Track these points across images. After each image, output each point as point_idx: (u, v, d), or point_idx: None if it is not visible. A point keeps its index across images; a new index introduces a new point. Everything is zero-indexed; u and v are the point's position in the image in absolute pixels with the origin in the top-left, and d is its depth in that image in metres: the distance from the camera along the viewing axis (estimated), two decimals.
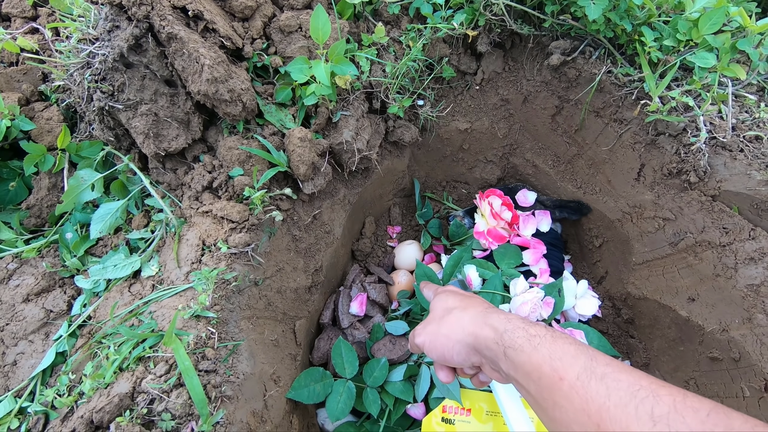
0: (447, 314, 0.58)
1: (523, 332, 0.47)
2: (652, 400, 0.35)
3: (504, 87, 1.12)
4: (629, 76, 0.90)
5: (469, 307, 0.57)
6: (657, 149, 0.89)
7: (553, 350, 0.43)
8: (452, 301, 0.61)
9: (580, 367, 0.40)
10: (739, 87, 0.88)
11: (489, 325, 0.51)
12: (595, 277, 1.18)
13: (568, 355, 0.42)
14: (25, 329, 0.75)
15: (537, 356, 0.43)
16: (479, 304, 0.58)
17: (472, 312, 0.55)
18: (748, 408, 0.74)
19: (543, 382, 0.42)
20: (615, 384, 0.38)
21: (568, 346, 0.43)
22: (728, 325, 0.79)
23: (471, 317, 0.54)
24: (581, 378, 0.39)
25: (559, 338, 0.45)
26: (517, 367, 0.45)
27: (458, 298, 0.62)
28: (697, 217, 0.85)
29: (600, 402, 0.37)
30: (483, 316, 0.53)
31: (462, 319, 0.55)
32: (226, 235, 0.78)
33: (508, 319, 0.50)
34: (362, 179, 1.07)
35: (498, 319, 0.50)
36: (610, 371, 0.39)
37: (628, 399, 0.36)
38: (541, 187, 1.22)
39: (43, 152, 0.84)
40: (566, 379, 0.40)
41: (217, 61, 0.77)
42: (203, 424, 0.59)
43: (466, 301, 0.59)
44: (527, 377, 0.44)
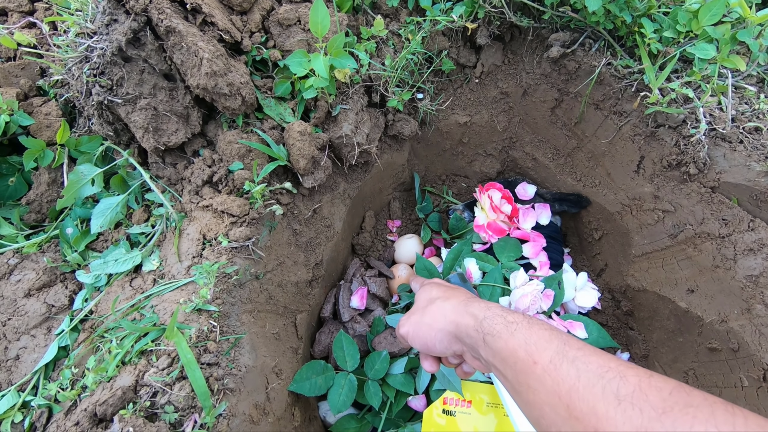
0: (430, 304, 0.59)
1: (502, 319, 0.48)
2: (619, 380, 0.36)
3: (503, 80, 1.11)
4: (629, 68, 0.90)
5: (451, 297, 0.58)
6: (657, 141, 0.89)
7: (529, 335, 0.44)
8: (435, 292, 0.62)
9: (552, 351, 0.42)
10: (739, 78, 0.88)
11: (469, 313, 0.52)
12: (594, 270, 1.18)
13: (542, 340, 0.43)
14: (27, 324, 0.75)
15: (513, 341, 0.45)
16: (461, 294, 0.59)
17: (453, 301, 0.56)
18: (747, 398, 0.75)
19: (518, 367, 0.43)
20: (585, 366, 0.39)
21: (543, 332, 0.44)
22: (727, 316, 0.79)
23: (452, 306, 0.56)
24: (554, 361, 0.41)
25: (535, 324, 0.46)
26: (495, 353, 0.46)
27: (441, 289, 0.63)
28: (696, 208, 0.85)
29: (570, 383, 0.38)
30: (464, 305, 0.54)
31: (444, 308, 0.56)
32: (226, 229, 0.78)
33: (487, 307, 0.51)
34: (362, 173, 1.07)
35: (478, 307, 0.52)
36: (581, 354, 0.40)
37: (596, 380, 0.37)
38: (540, 181, 1.22)
39: (43, 147, 0.84)
40: (539, 362, 0.42)
41: (216, 54, 0.77)
42: (206, 416, 0.60)
43: (448, 292, 0.61)
44: (504, 363, 0.45)
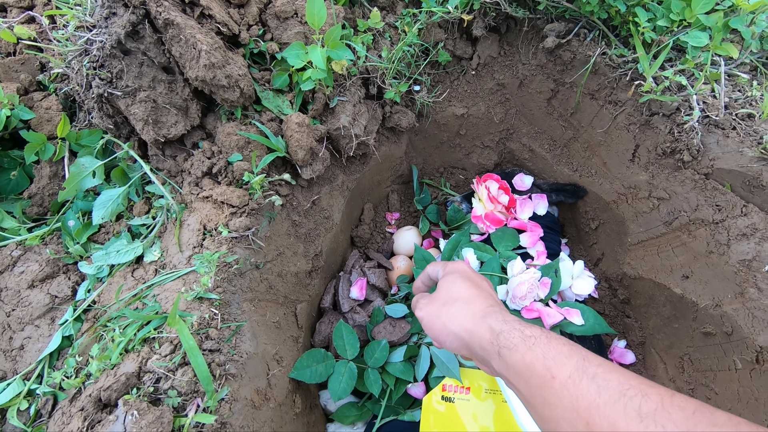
0: (450, 302, 0.58)
1: (519, 333, 0.47)
2: (641, 398, 0.36)
3: (500, 71, 1.12)
4: (623, 57, 0.91)
5: (472, 301, 0.57)
6: (651, 129, 0.90)
7: (547, 350, 0.44)
8: (458, 289, 0.60)
9: (572, 366, 0.41)
10: (732, 66, 0.89)
11: (486, 325, 0.51)
12: (592, 260, 1.19)
13: (561, 355, 0.43)
14: (31, 314, 0.76)
15: (531, 355, 0.44)
16: (483, 299, 0.57)
17: (474, 308, 0.55)
18: (741, 380, 0.76)
19: (534, 381, 0.43)
20: (605, 383, 0.39)
21: (562, 347, 0.44)
22: (721, 301, 0.80)
23: (471, 314, 0.55)
24: (573, 377, 0.40)
25: (554, 339, 0.45)
26: (509, 366, 0.46)
27: (466, 285, 0.60)
28: (690, 195, 0.86)
29: (590, 399, 0.38)
30: (483, 315, 0.53)
31: (462, 314, 0.56)
32: (226, 219, 0.79)
33: (505, 320, 0.50)
34: (360, 165, 1.08)
35: (496, 319, 0.51)
36: (602, 371, 0.40)
37: (617, 397, 0.37)
38: (537, 172, 1.23)
39: (44, 141, 0.85)
40: (558, 377, 0.41)
41: (214, 46, 0.78)
42: (209, 400, 0.61)
43: (472, 292, 0.59)
44: (518, 376, 0.45)
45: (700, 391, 0.84)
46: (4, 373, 0.73)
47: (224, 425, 0.61)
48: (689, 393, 0.86)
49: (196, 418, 0.59)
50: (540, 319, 0.91)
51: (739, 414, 0.75)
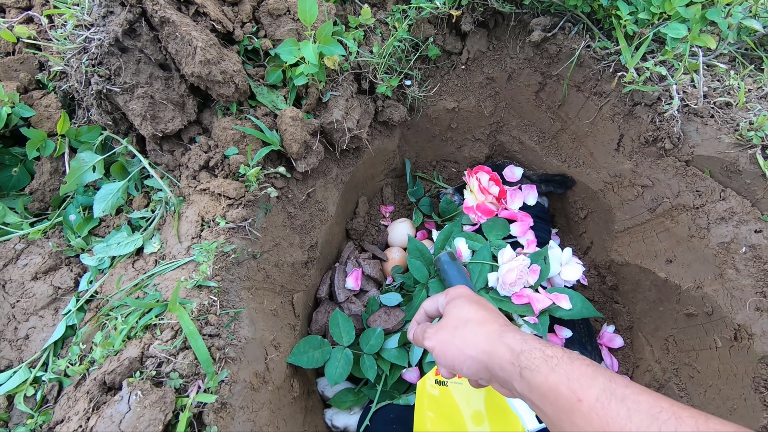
0: (462, 325, 0.56)
1: (540, 353, 0.46)
2: (675, 422, 0.35)
3: (489, 65, 1.15)
4: (607, 50, 0.94)
5: (485, 321, 0.55)
6: (634, 119, 0.93)
7: (571, 371, 0.43)
8: (467, 311, 0.58)
9: (599, 388, 0.40)
10: (711, 57, 0.92)
11: (505, 345, 0.49)
12: (581, 248, 1.22)
13: (586, 376, 0.42)
14: (35, 305, 0.79)
15: (554, 377, 0.43)
16: (495, 319, 0.56)
17: (488, 328, 0.53)
18: (721, 358, 0.79)
19: (560, 403, 0.42)
20: (635, 405, 0.37)
21: (586, 368, 0.43)
22: (702, 282, 0.83)
23: (487, 334, 0.53)
24: (601, 399, 0.39)
25: (576, 359, 0.44)
26: (532, 387, 0.45)
27: (474, 308, 0.59)
28: (672, 182, 0.89)
29: (621, 424, 0.37)
30: (499, 335, 0.51)
31: (477, 335, 0.53)
32: (223, 210, 0.82)
33: (524, 339, 0.49)
34: (354, 159, 1.11)
35: (514, 339, 0.49)
36: (630, 393, 0.39)
37: (649, 421, 0.36)
38: (527, 163, 1.26)
39: (44, 138, 0.87)
40: (585, 400, 0.40)
41: (209, 43, 0.80)
42: (209, 381, 0.63)
43: (482, 314, 0.57)
44: (543, 398, 0.44)
45: (684, 371, 0.87)
46: (10, 361, 0.76)
47: (224, 405, 0.64)
48: (673, 373, 0.89)
49: (198, 398, 0.61)
50: (530, 305, 0.94)
51: (719, 390, 0.78)
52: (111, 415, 0.58)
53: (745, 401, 0.72)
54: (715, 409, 0.77)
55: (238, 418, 0.65)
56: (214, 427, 0.61)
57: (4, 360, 0.76)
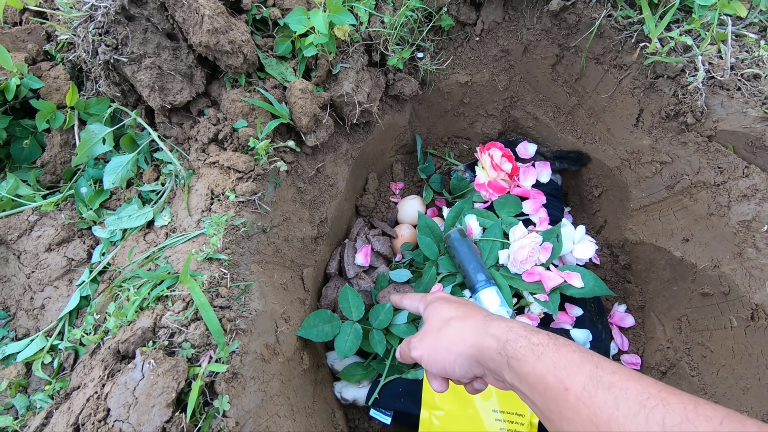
0: (445, 325, 0.55)
1: (526, 341, 0.45)
2: (663, 408, 0.34)
3: (504, 37, 1.11)
4: (629, 19, 0.90)
5: (467, 316, 0.54)
6: (655, 93, 0.90)
7: (557, 359, 0.42)
8: (448, 311, 0.57)
9: (585, 376, 0.40)
10: (741, 26, 0.88)
11: (490, 335, 0.49)
12: (594, 227, 1.20)
13: (572, 364, 0.41)
14: (50, 276, 0.80)
15: (541, 366, 0.42)
16: (477, 312, 0.55)
17: (471, 322, 0.53)
18: (735, 338, 0.78)
19: (548, 394, 0.41)
20: (623, 393, 0.37)
21: (572, 354, 0.42)
22: (720, 261, 0.81)
23: (471, 328, 0.52)
24: (587, 388, 0.39)
25: (563, 346, 0.43)
26: (521, 378, 0.44)
27: (453, 306, 0.58)
28: (693, 158, 0.86)
29: (608, 413, 0.36)
30: (484, 326, 0.51)
31: (462, 331, 0.52)
32: (233, 184, 0.81)
33: (509, 327, 0.48)
34: (364, 134, 1.09)
35: (499, 327, 0.49)
36: (617, 379, 0.38)
37: (637, 409, 0.35)
38: (541, 140, 1.23)
39: (54, 109, 0.87)
40: (572, 389, 0.39)
41: (217, 11, 0.78)
42: (220, 351, 0.64)
43: (462, 310, 0.56)
44: (532, 388, 0.43)
45: (696, 350, 0.86)
46: (27, 330, 0.77)
47: (236, 375, 0.65)
48: (685, 353, 0.88)
49: (209, 367, 0.62)
50: (541, 283, 0.93)
51: (732, 369, 0.77)
52: (125, 382, 0.59)
53: (759, 381, 0.71)
54: (727, 389, 0.76)
55: (249, 388, 0.66)
56: (226, 396, 0.62)
57: (22, 329, 0.78)
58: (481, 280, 0.92)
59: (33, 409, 0.69)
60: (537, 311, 0.95)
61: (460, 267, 0.96)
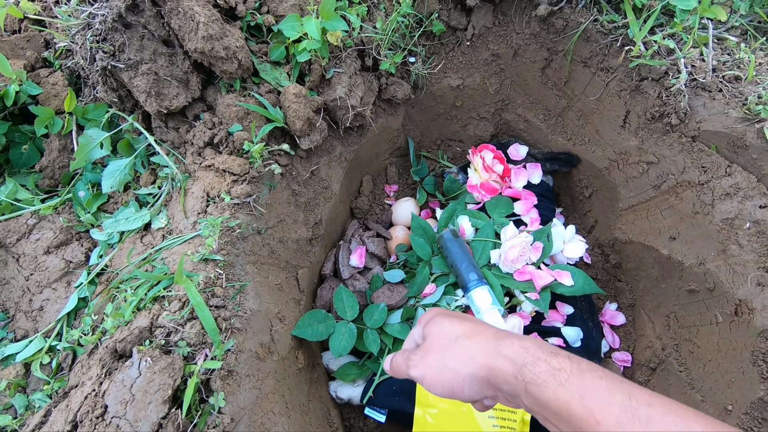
0: (450, 343, 0.51)
1: (545, 365, 0.42)
2: None
3: (494, 42, 1.13)
4: (614, 23, 0.92)
5: (474, 333, 0.50)
6: (641, 95, 0.92)
7: (583, 387, 0.39)
8: (451, 327, 0.52)
9: (618, 407, 0.37)
10: (723, 30, 0.90)
11: (504, 357, 0.45)
12: (585, 227, 1.22)
13: (601, 392, 0.38)
14: (48, 278, 0.81)
15: (564, 393, 0.40)
16: (485, 328, 0.51)
17: (480, 340, 0.49)
18: (721, 333, 0.80)
19: (575, 423, 0.39)
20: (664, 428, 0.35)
21: (599, 381, 0.39)
22: (705, 259, 0.83)
23: (481, 347, 0.48)
24: (622, 422, 0.36)
25: (588, 371, 0.41)
26: (542, 404, 0.41)
27: (457, 322, 0.53)
28: (678, 158, 0.88)
29: None
30: (495, 345, 0.47)
31: (471, 349, 0.48)
32: (228, 186, 0.83)
33: (524, 348, 0.45)
34: (358, 137, 1.11)
35: (512, 348, 0.45)
36: (655, 414, 0.36)
37: None
38: (533, 142, 1.25)
39: (52, 115, 0.88)
40: (603, 422, 0.37)
41: (212, 18, 0.80)
42: (216, 349, 0.66)
43: (468, 326, 0.52)
44: (555, 416, 0.41)
45: (684, 346, 0.88)
46: (26, 331, 0.79)
47: (231, 373, 0.66)
48: (674, 349, 0.90)
49: (205, 365, 0.64)
50: (532, 282, 0.95)
51: (718, 364, 0.79)
52: (122, 379, 0.60)
53: (743, 374, 0.73)
54: (713, 383, 0.78)
55: (245, 385, 0.67)
56: (221, 393, 0.63)
57: (20, 330, 0.79)
58: (473, 279, 0.93)
59: (32, 408, 0.70)
60: (528, 309, 0.97)
61: (453, 267, 0.98)
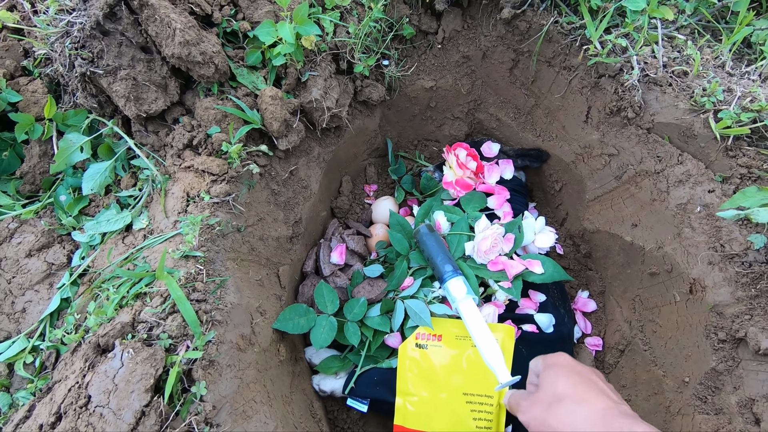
0: (557, 402, 0.52)
1: None
2: None
3: (464, 44, 1.18)
4: (573, 24, 0.98)
5: (583, 400, 0.50)
6: (600, 91, 0.98)
7: None
8: (564, 386, 0.53)
9: None
10: (673, 29, 0.96)
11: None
12: (558, 220, 1.27)
13: None
14: (31, 280, 0.83)
15: None
16: (596, 397, 0.51)
17: (587, 410, 0.49)
18: (679, 311, 0.85)
19: None
20: None
21: None
22: (663, 243, 0.89)
23: (586, 418, 0.48)
24: None
25: None
26: None
27: (572, 382, 0.53)
28: (635, 149, 0.94)
29: None
30: (602, 420, 0.47)
31: (576, 416, 0.49)
32: (208, 186, 0.85)
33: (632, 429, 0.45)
34: (335, 138, 1.14)
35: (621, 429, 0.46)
36: None
37: None
38: (505, 139, 1.30)
39: (32, 122, 0.90)
40: None
41: (188, 25, 0.83)
42: (197, 340, 0.68)
43: (580, 390, 0.52)
44: None
45: (648, 327, 0.93)
46: (8, 333, 0.80)
47: (212, 363, 0.68)
48: (639, 330, 0.95)
49: (186, 355, 0.66)
50: (504, 271, 0.99)
51: (677, 341, 0.84)
52: (105, 371, 0.62)
53: (698, 347, 0.77)
54: (673, 359, 0.83)
55: (226, 374, 0.69)
56: (203, 382, 0.66)
57: (3, 332, 0.80)
58: (448, 270, 0.97)
59: (15, 406, 0.72)
60: (502, 299, 1.01)
61: (429, 260, 1.01)
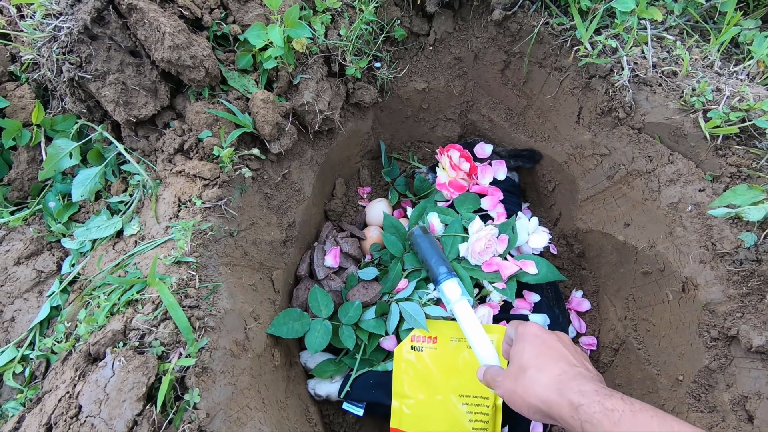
0: (521, 374, 0.58)
1: (599, 406, 0.47)
2: None
3: (456, 46, 1.19)
4: (563, 25, 0.98)
5: (543, 369, 0.56)
6: (591, 91, 0.98)
7: (635, 425, 0.44)
8: (528, 357, 0.59)
9: None
10: (662, 30, 0.97)
11: (563, 397, 0.51)
12: (551, 220, 1.28)
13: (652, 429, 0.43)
14: (20, 289, 0.81)
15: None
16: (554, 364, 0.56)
17: (545, 378, 0.55)
18: (672, 310, 0.85)
19: None
20: None
21: (650, 420, 0.44)
22: (655, 242, 0.89)
23: (544, 385, 0.54)
24: None
25: (639, 411, 0.45)
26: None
27: (535, 352, 0.59)
28: (627, 149, 0.94)
29: None
30: (556, 385, 0.53)
31: (536, 384, 0.55)
32: (199, 191, 0.85)
33: (582, 392, 0.50)
34: (328, 140, 1.14)
35: (571, 390, 0.50)
36: None
37: None
38: (497, 140, 1.31)
39: (19, 127, 0.89)
40: None
41: (178, 29, 0.83)
42: (190, 347, 0.67)
43: (541, 358, 0.58)
44: None
45: (642, 325, 0.93)
46: None
47: (205, 370, 0.68)
48: (633, 329, 0.95)
49: (179, 362, 0.65)
50: (499, 272, 0.99)
51: (671, 339, 0.84)
52: (96, 380, 0.61)
53: (691, 346, 0.78)
54: (666, 357, 0.83)
55: (219, 381, 0.69)
56: (196, 390, 0.65)
57: None
58: (442, 272, 0.97)
59: (5, 417, 0.70)
60: (497, 299, 1.01)
61: (423, 262, 1.01)
